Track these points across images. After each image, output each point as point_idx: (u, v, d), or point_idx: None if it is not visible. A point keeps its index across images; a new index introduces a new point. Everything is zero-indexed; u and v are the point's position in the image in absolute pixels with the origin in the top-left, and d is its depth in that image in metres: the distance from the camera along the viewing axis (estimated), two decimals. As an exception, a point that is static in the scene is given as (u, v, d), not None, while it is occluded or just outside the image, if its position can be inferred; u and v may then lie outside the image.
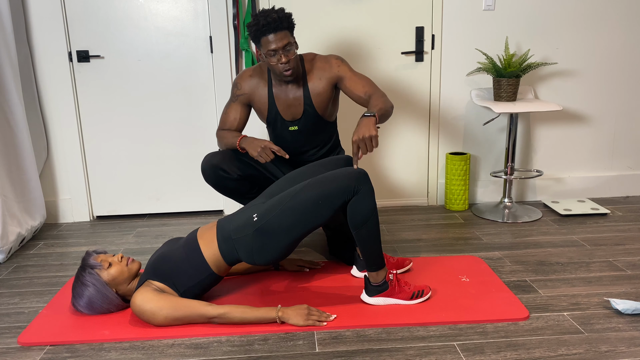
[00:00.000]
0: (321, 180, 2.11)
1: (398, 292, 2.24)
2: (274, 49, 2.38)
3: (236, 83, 2.62)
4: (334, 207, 2.08)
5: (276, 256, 2.13)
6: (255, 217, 2.12)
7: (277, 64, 2.41)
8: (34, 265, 2.81)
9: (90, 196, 3.49)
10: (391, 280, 2.23)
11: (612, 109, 3.55)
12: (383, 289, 2.23)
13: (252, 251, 2.12)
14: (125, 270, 2.17)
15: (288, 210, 2.08)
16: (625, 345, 1.93)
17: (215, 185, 2.57)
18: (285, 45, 2.38)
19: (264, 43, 2.39)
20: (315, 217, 2.08)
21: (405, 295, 2.24)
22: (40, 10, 3.17)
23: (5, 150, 3.01)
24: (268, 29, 2.35)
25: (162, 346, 2.00)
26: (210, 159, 2.54)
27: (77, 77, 3.31)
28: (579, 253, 2.76)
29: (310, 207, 2.07)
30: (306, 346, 1.98)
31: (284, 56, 2.39)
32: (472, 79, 3.44)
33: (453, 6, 3.32)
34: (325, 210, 2.07)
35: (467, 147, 3.55)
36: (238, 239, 2.12)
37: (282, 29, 2.37)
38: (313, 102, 2.56)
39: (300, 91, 2.56)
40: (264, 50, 2.41)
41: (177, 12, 3.25)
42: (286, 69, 2.43)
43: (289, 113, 2.59)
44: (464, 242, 2.94)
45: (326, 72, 2.55)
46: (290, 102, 2.57)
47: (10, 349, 2.03)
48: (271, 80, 2.57)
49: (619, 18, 3.40)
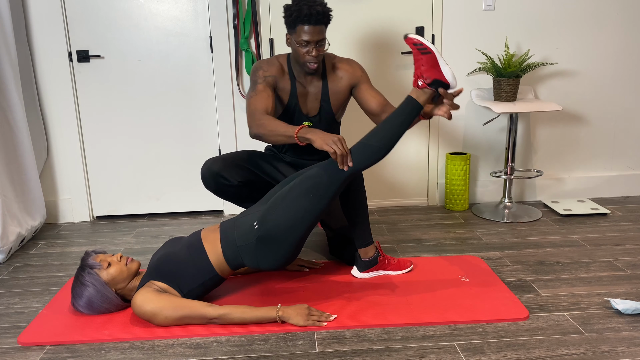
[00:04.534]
0: (308, 174, 2.14)
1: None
2: (308, 40, 2.37)
3: (260, 67, 2.52)
4: (331, 195, 2.10)
5: (282, 261, 2.14)
6: (255, 225, 2.13)
7: (306, 55, 2.41)
8: (34, 265, 2.81)
9: (90, 196, 3.49)
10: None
11: (612, 109, 3.55)
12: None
13: (257, 258, 2.14)
14: (124, 269, 2.17)
15: (283, 211, 2.09)
16: (625, 345, 1.93)
17: (215, 192, 2.57)
18: (319, 40, 2.39)
19: (299, 31, 2.38)
20: (311, 212, 2.09)
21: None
22: (40, 10, 3.17)
23: (5, 150, 3.01)
24: (309, 19, 2.34)
25: (162, 346, 2.00)
26: (210, 166, 2.52)
27: (77, 77, 3.31)
28: (579, 253, 2.76)
29: (304, 202, 2.08)
30: (306, 346, 1.98)
31: (315, 50, 2.39)
32: (472, 79, 3.44)
33: (453, 6, 3.32)
34: (319, 203, 2.09)
35: (467, 147, 3.55)
36: (242, 246, 2.14)
37: (321, 24, 2.37)
38: (330, 100, 2.57)
39: (319, 87, 2.56)
40: (297, 37, 2.40)
41: (177, 12, 3.25)
42: (313, 61, 2.42)
43: (306, 107, 2.59)
44: (464, 242, 2.94)
45: (348, 74, 2.56)
46: (309, 96, 2.58)
47: (10, 349, 2.03)
48: (292, 71, 2.55)
49: (619, 18, 3.40)
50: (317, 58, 2.42)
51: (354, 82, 2.57)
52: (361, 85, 2.56)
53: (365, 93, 2.55)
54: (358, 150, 2.12)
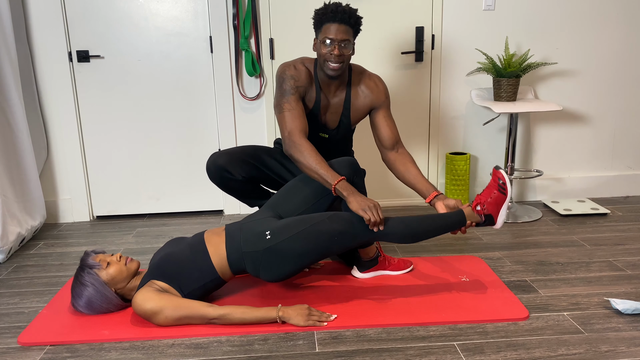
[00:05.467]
0: (342, 217, 2.15)
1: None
2: (333, 38, 2.31)
3: (291, 75, 2.41)
4: (349, 245, 2.16)
5: (281, 277, 2.16)
6: (268, 235, 2.13)
7: (328, 53, 2.34)
8: (34, 265, 2.81)
9: (90, 196, 3.49)
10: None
11: (612, 109, 3.55)
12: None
13: (259, 267, 2.14)
14: (124, 269, 2.17)
15: (304, 236, 2.11)
16: (625, 345, 1.93)
17: (219, 185, 2.57)
18: (344, 39, 2.32)
19: (325, 29, 2.34)
20: (328, 250, 2.14)
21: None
22: (40, 10, 3.17)
23: (5, 150, 3.01)
24: (335, 17, 2.31)
25: (162, 346, 2.00)
26: (215, 159, 2.52)
27: (77, 77, 3.31)
28: (579, 253, 2.76)
29: (326, 240, 2.11)
30: (306, 346, 1.98)
31: (337, 49, 2.32)
32: (472, 79, 3.44)
33: (453, 6, 3.32)
34: (339, 246, 2.14)
35: (467, 147, 3.55)
36: (247, 252, 2.14)
37: (347, 24, 2.32)
38: (350, 115, 2.53)
39: (340, 99, 2.51)
40: (321, 36, 2.35)
41: (177, 12, 3.25)
42: (335, 61, 2.34)
43: (326, 118, 2.55)
44: (464, 242, 2.94)
45: (373, 94, 2.51)
46: (330, 108, 2.52)
47: (10, 349, 2.03)
48: (318, 79, 2.48)
49: (619, 18, 3.40)
50: (339, 59, 2.34)
51: (375, 105, 2.52)
52: (380, 110, 2.52)
53: (382, 121, 2.52)
54: (394, 222, 2.17)
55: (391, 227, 2.15)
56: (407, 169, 2.49)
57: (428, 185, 2.43)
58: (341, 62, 2.35)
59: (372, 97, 2.51)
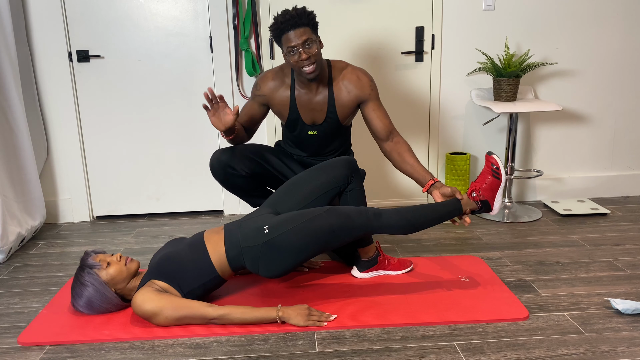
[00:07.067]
0: (343, 211, 2.15)
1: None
2: (294, 45, 2.31)
3: (257, 84, 2.58)
4: (347, 239, 2.15)
5: (280, 272, 2.15)
6: (266, 229, 2.13)
7: (298, 61, 2.34)
8: (34, 265, 2.81)
9: (90, 196, 3.49)
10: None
11: (612, 109, 3.55)
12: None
13: (258, 262, 2.14)
14: (124, 269, 2.17)
15: (302, 230, 2.10)
16: (625, 345, 1.93)
17: (223, 182, 2.57)
18: (305, 41, 2.31)
19: (284, 41, 2.34)
20: (327, 243, 2.13)
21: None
22: (40, 10, 3.17)
23: (5, 150, 3.01)
24: (286, 25, 2.30)
25: (162, 346, 2.00)
26: (219, 156, 2.53)
27: (77, 77, 3.31)
28: (579, 253, 2.76)
29: (325, 234, 2.11)
30: (306, 346, 1.98)
31: (304, 52, 2.32)
32: (472, 79, 3.44)
33: (453, 6, 3.32)
34: (338, 240, 2.14)
35: (467, 147, 3.55)
36: (246, 247, 2.14)
37: (301, 25, 2.31)
38: (337, 111, 2.53)
39: (324, 97, 2.51)
40: (285, 49, 2.35)
41: (177, 12, 3.25)
42: (307, 65, 2.34)
43: (310, 118, 2.56)
44: (464, 242, 2.94)
45: (356, 89, 2.49)
46: (313, 107, 2.53)
47: (10, 349, 2.03)
48: (294, 83, 2.51)
49: (619, 18, 3.40)
50: (310, 60, 2.34)
51: (361, 99, 2.51)
52: (369, 103, 2.51)
53: (372, 113, 2.51)
54: (390, 214, 2.17)
55: (388, 219, 2.15)
56: (403, 159, 2.48)
57: (424, 173, 2.41)
58: (313, 62, 2.36)
59: (357, 91, 2.50)
